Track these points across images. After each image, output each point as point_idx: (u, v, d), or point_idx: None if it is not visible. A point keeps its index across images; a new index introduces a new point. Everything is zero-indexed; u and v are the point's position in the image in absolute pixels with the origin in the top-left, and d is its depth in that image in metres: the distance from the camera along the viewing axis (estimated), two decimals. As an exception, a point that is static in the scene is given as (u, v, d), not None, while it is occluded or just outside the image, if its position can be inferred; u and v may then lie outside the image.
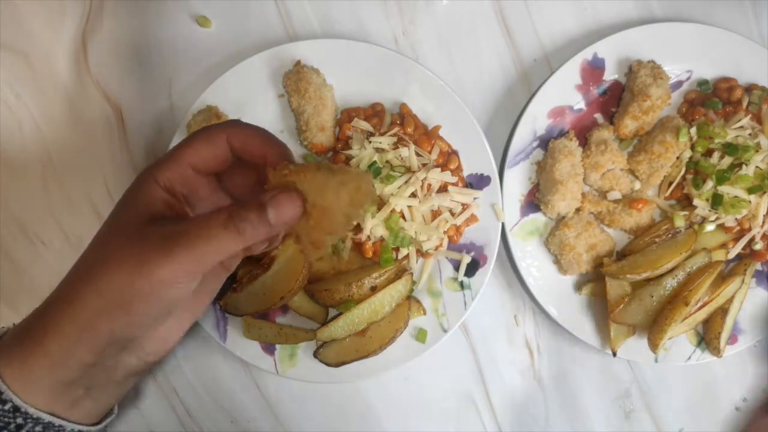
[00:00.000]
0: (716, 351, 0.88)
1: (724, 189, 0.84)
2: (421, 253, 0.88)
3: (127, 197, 0.53)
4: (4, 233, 0.90)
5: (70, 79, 0.91)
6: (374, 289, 0.85)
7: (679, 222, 0.87)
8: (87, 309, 0.49)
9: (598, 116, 0.91)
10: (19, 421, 0.50)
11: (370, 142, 0.84)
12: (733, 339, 0.90)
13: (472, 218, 0.88)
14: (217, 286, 0.61)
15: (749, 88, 0.89)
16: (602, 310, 0.90)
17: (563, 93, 0.89)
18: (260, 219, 0.46)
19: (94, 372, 0.53)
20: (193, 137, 0.53)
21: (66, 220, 0.91)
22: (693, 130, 0.86)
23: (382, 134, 0.86)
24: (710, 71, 0.91)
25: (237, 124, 0.53)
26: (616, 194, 0.89)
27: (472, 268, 0.88)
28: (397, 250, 0.86)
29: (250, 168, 0.55)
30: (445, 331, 0.88)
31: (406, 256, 0.87)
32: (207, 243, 0.46)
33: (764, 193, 0.84)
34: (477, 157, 0.88)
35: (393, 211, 0.82)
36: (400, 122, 0.88)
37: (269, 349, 0.88)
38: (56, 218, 0.91)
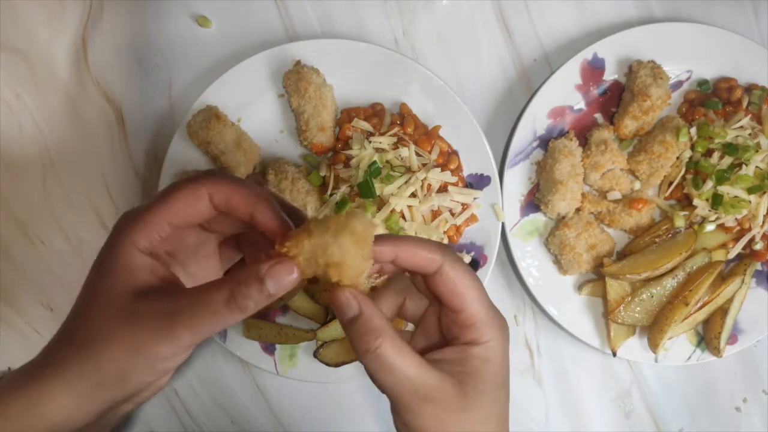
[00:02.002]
0: (716, 351, 0.88)
1: (724, 189, 0.84)
2: (421, 253, 0.88)
3: (106, 265, 0.49)
4: (4, 233, 0.90)
5: (70, 79, 0.91)
6: (374, 289, 0.85)
7: (679, 222, 0.87)
8: (86, 382, 0.48)
9: (598, 116, 0.91)
10: None
11: (370, 142, 0.84)
12: (733, 339, 0.90)
13: (472, 218, 0.88)
14: None
15: (749, 88, 0.89)
16: (602, 310, 0.90)
17: (563, 93, 0.89)
18: (261, 293, 0.46)
19: (92, 425, 0.52)
20: (169, 195, 0.49)
21: (66, 220, 0.91)
22: (693, 130, 0.86)
23: (382, 134, 0.86)
24: (710, 71, 0.91)
25: (217, 178, 0.50)
26: (616, 194, 0.89)
27: (472, 268, 0.88)
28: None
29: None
30: (445, 331, 0.88)
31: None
32: (208, 322, 0.46)
33: (764, 193, 0.84)
34: (477, 157, 0.88)
35: (393, 211, 0.82)
36: (400, 122, 0.88)
37: (269, 349, 0.88)
38: (56, 218, 0.91)
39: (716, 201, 0.84)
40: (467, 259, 0.88)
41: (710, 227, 0.87)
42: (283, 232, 0.49)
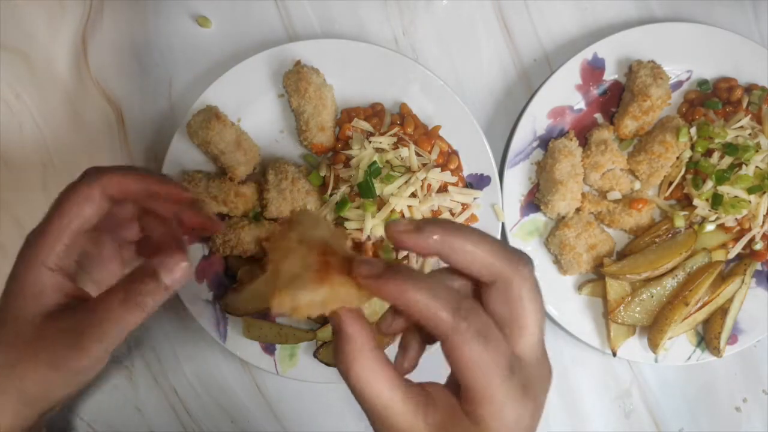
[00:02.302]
0: (716, 351, 0.88)
1: (724, 189, 0.84)
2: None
3: (16, 291, 0.51)
4: (4, 234, 0.90)
5: (71, 80, 0.91)
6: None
7: (679, 222, 0.87)
8: (12, 402, 0.50)
9: (598, 116, 0.91)
10: None
11: (370, 142, 0.85)
12: (733, 339, 0.90)
13: (472, 218, 0.88)
14: None
15: (749, 88, 0.89)
16: (602, 310, 0.90)
17: (563, 93, 0.89)
18: (157, 287, 0.47)
19: None
20: (65, 201, 0.52)
21: (66, 220, 0.91)
22: (693, 130, 0.86)
23: (382, 134, 0.86)
24: (710, 71, 0.91)
25: (105, 171, 0.53)
26: (616, 194, 0.89)
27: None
28: (397, 250, 0.86)
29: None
30: (445, 331, 0.88)
31: (406, 256, 0.87)
32: (113, 329, 0.47)
33: (764, 193, 0.84)
34: (477, 157, 0.88)
35: (393, 211, 0.82)
36: (400, 122, 0.88)
37: (269, 349, 0.88)
38: (56, 218, 0.91)
39: (716, 201, 0.84)
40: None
41: (710, 227, 0.87)
42: (179, 192, 0.53)
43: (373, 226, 0.82)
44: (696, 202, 0.85)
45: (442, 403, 0.44)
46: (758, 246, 0.87)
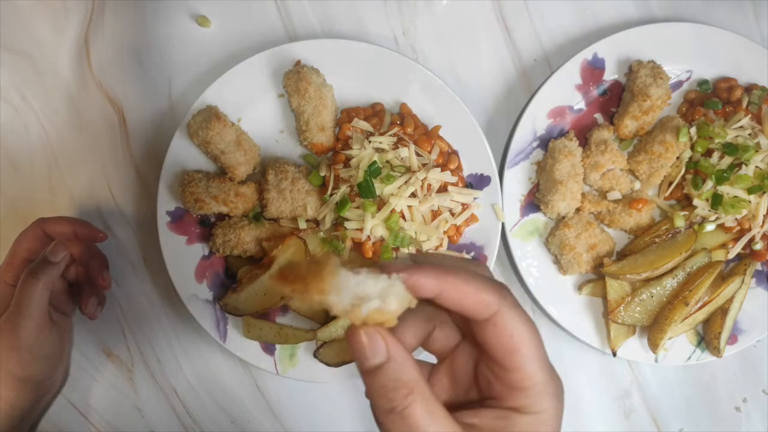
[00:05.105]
0: (716, 351, 0.88)
1: (724, 189, 0.84)
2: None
3: None
4: (12, 234, 0.90)
5: (74, 81, 0.91)
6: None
7: (679, 222, 0.87)
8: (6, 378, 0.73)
9: (598, 116, 0.91)
10: None
11: (370, 142, 0.84)
12: (733, 339, 0.90)
13: (472, 218, 0.88)
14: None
15: (749, 88, 0.89)
16: (602, 310, 0.90)
17: (563, 93, 0.89)
18: (43, 260, 0.72)
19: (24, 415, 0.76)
20: (19, 239, 0.78)
21: (66, 220, 0.92)
22: (693, 130, 0.86)
23: (382, 134, 0.86)
24: (710, 71, 0.91)
25: (44, 219, 0.78)
26: (616, 194, 0.89)
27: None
28: (397, 250, 0.86)
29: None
30: (445, 331, 0.88)
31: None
32: (28, 303, 0.70)
33: (764, 193, 0.84)
34: (477, 157, 0.88)
35: (393, 211, 0.82)
36: (400, 122, 0.88)
37: (269, 349, 0.88)
38: (57, 218, 0.91)
39: (716, 201, 0.84)
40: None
41: (710, 227, 0.87)
42: (95, 233, 0.80)
43: (373, 226, 0.82)
44: (696, 202, 0.85)
45: (487, 419, 0.41)
46: (758, 246, 0.87)
